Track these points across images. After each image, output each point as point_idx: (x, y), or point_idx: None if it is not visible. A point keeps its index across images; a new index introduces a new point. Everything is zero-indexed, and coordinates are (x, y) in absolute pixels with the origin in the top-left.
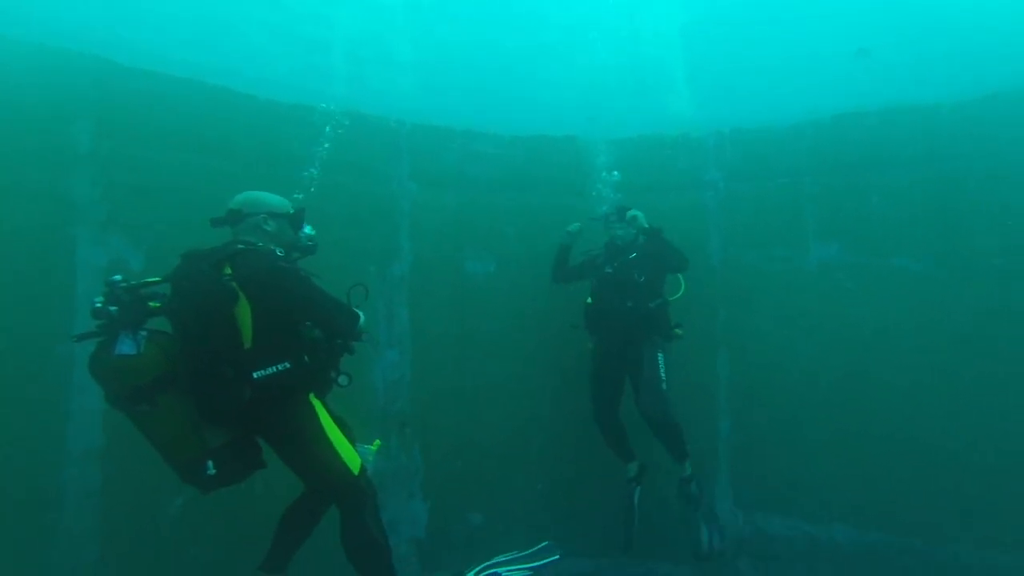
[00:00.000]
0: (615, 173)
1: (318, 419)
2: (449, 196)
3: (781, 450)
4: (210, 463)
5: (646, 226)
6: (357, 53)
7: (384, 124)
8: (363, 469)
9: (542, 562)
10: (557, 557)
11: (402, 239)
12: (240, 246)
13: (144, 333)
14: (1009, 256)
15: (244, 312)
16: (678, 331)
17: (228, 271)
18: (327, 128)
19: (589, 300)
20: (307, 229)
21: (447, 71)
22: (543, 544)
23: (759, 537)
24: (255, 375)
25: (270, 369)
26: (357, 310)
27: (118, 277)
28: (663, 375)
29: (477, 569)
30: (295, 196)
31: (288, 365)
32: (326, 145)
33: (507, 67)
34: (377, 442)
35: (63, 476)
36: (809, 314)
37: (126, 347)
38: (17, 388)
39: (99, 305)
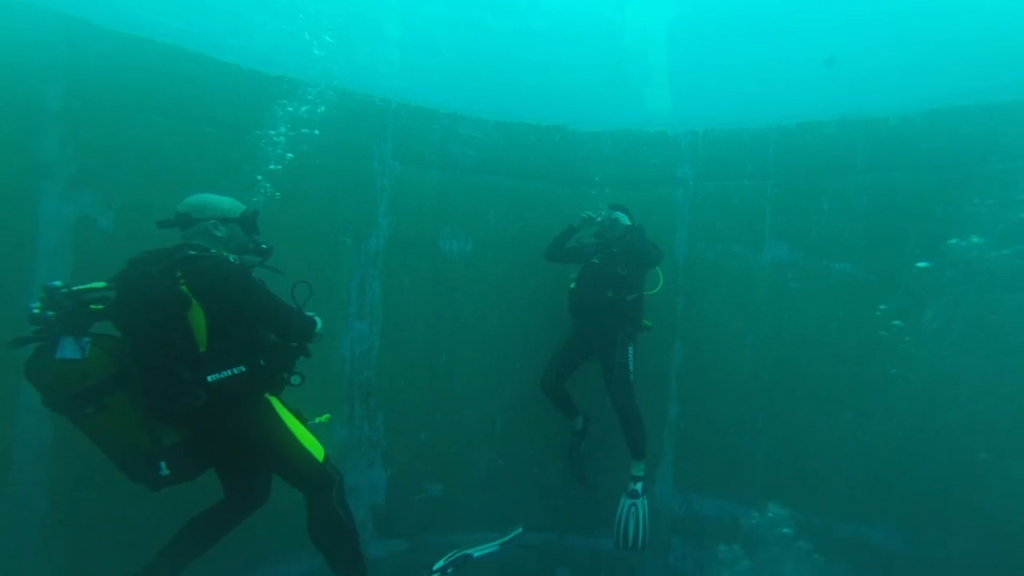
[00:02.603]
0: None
1: (278, 416)
2: (431, 176)
3: (721, 435)
4: (163, 464)
5: (629, 223)
6: (346, 28)
7: (370, 101)
8: (327, 456)
9: (508, 536)
10: (520, 530)
11: (380, 215)
12: (191, 251)
13: (87, 338)
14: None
15: (197, 317)
16: (647, 323)
17: (179, 276)
18: (311, 102)
19: (572, 286)
20: (258, 233)
21: (433, 51)
22: (516, 531)
23: (691, 517)
24: (209, 378)
25: (224, 372)
26: (315, 316)
27: (58, 283)
28: (632, 367)
29: (446, 558)
30: (272, 167)
31: (243, 368)
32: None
33: (493, 51)
34: (326, 416)
35: (13, 431)
36: (758, 309)
37: (69, 351)
38: None
39: (36, 311)
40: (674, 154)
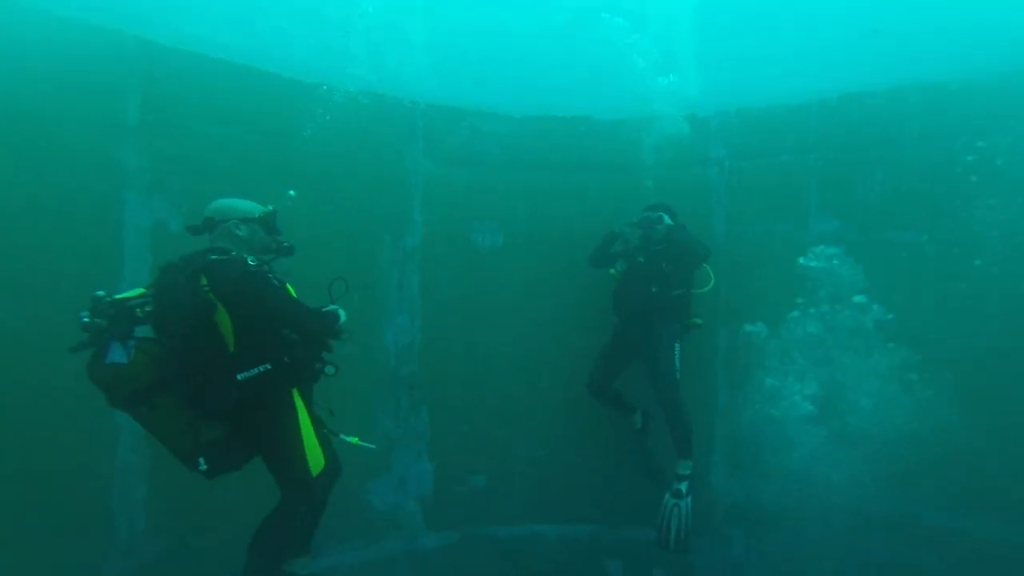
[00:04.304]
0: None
1: (296, 416)
2: (460, 172)
3: (773, 417)
4: (201, 460)
5: (670, 222)
6: (375, 34)
7: (400, 103)
8: (322, 473)
9: None
10: None
11: (415, 212)
12: (213, 256)
13: (132, 342)
14: (992, 236)
15: (224, 319)
16: (697, 321)
17: (204, 282)
18: (347, 106)
19: (615, 274)
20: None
21: (459, 52)
22: None
23: (750, 503)
24: (239, 377)
25: (253, 371)
26: (339, 309)
27: (101, 292)
28: (678, 365)
29: None
30: (313, 169)
31: (269, 366)
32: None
33: (515, 49)
34: (355, 438)
35: (116, 416)
36: (802, 286)
37: (116, 356)
38: (71, 332)
39: (86, 320)
40: (705, 135)
